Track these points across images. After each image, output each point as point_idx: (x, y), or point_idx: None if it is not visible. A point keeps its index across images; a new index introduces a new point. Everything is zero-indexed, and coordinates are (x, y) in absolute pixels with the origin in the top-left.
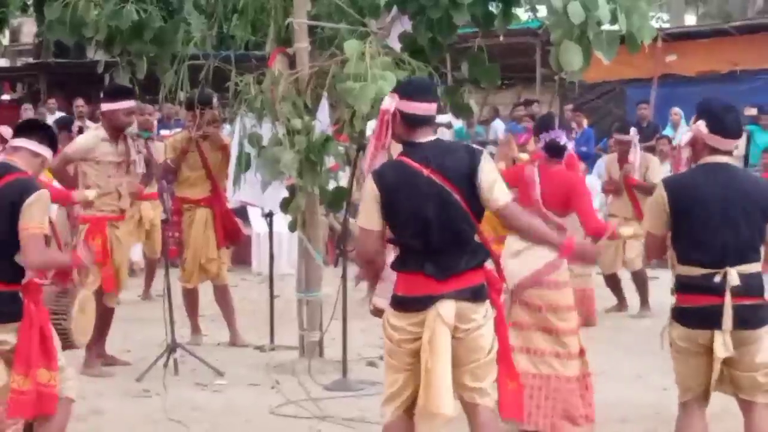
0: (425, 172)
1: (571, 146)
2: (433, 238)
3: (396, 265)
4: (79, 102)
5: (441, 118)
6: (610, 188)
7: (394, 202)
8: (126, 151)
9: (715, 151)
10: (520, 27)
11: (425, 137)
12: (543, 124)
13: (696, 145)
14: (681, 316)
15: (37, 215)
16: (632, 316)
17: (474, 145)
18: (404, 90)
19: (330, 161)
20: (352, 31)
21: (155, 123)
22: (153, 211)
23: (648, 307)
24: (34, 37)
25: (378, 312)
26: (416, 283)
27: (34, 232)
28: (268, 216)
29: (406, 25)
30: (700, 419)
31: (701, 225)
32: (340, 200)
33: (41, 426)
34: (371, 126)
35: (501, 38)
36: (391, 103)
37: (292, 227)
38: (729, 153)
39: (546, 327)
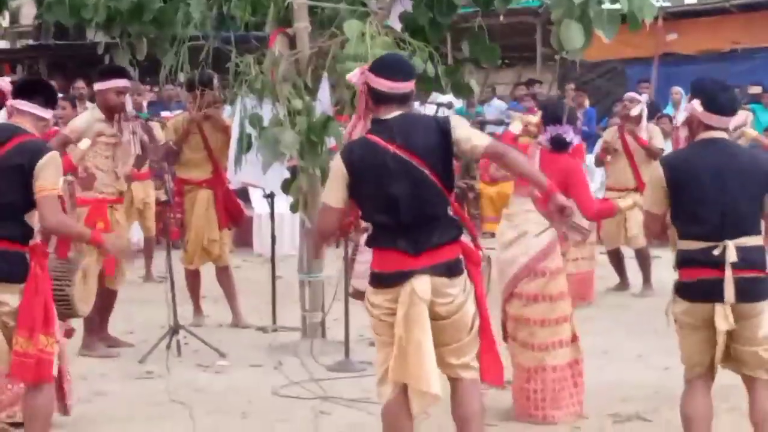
0: (391, 148)
1: (576, 140)
2: (403, 214)
3: (369, 242)
4: (79, 83)
5: (442, 98)
6: (605, 150)
7: (361, 180)
8: (119, 131)
9: (710, 128)
10: (521, 6)
11: (391, 113)
12: (552, 116)
13: (692, 123)
14: (683, 290)
15: (51, 177)
16: (635, 295)
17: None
18: (374, 64)
19: (331, 142)
20: (352, 11)
21: (144, 104)
22: (144, 191)
23: (650, 285)
24: (34, 19)
25: (358, 294)
26: (390, 259)
27: (49, 194)
28: (270, 197)
29: (406, 5)
30: (705, 396)
31: (698, 199)
32: None
33: (30, 401)
34: None
35: (501, 18)
36: (356, 74)
37: (294, 208)
38: (725, 129)
39: (539, 319)
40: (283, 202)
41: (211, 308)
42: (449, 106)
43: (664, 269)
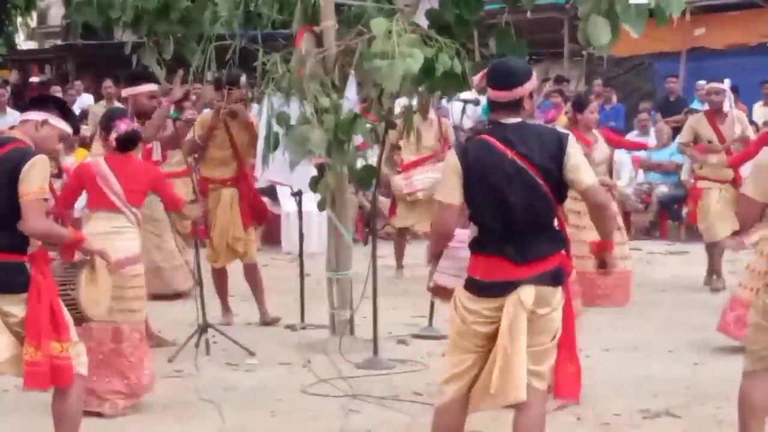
0: (509, 154)
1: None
2: (515, 221)
3: (474, 247)
4: (107, 83)
5: (468, 95)
6: (714, 150)
7: (476, 181)
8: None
9: None
10: (548, 2)
11: (509, 119)
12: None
13: None
14: None
15: (36, 180)
16: (664, 291)
17: (560, 129)
18: (487, 72)
19: (358, 139)
20: (378, 9)
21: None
22: (183, 189)
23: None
24: (62, 19)
25: (439, 289)
26: (495, 267)
27: (33, 198)
28: (298, 195)
29: (433, 2)
30: (766, 384)
31: None
32: (369, 178)
33: (58, 404)
34: (401, 103)
35: (528, 13)
36: (478, 78)
37: (322, 206)
38: None
39: None
40: (311, 200)
41: (239, 307)
42: (476, 102)
43: (694, 264)
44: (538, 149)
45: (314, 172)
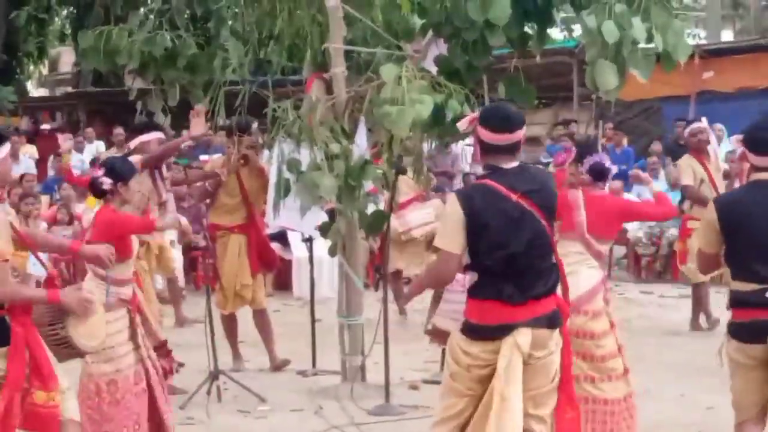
0: (514, 197)
1: (615, 169)
2: (519, 262)
3: (473, 292)
4: (118, 130)
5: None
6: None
7: (481, 226)
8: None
9: (760, 169)
10: (557, 46)
11: (508, 163)
12: (586, 149)
13: (743, 164)
14: (736, 331)
15: None
16: (675, 334)
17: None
18: (480, 114)
19: (369, 185)
20: (388, 56)
21: None
22: (159, 234)
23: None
24: (73, 66)
25: (437, 333)
26: (493, 311)
27: None
28: (308, 241)
29: (441, 48)
30: None
31: (752, 241)
32: (379, 224)
33: None
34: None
35: (537, 58)
36: (465, 123)
37: (332, 252)
38: None
39: (583, 352)
40: (321, 245)
41: (250, 353)
42: None
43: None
44: (540, 191)
45: (324, 217)
